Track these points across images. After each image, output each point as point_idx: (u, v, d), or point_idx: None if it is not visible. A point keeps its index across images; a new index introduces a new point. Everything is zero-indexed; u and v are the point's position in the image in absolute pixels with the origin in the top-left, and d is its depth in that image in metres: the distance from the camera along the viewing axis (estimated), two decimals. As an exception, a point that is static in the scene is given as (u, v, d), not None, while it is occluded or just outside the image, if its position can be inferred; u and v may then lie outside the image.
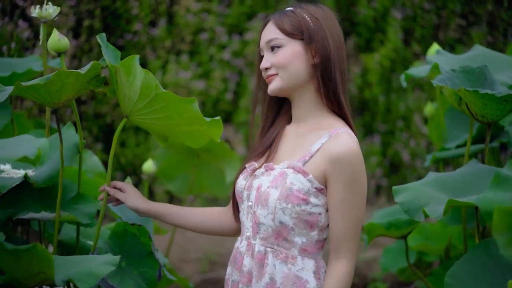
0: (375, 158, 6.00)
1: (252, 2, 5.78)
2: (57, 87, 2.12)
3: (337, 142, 1.97)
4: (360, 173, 1.97)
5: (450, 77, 2.49)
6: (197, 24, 5.64)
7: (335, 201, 1.97)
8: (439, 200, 2.17)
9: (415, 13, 6.10)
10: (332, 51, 2.02)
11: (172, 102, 2.11)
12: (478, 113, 2.39)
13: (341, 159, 1.94)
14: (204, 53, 5.66)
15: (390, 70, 6.05)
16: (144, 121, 2.21)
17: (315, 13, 2.05)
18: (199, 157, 3.34)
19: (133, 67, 2.12)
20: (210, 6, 5.68)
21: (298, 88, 2.06)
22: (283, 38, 2.02)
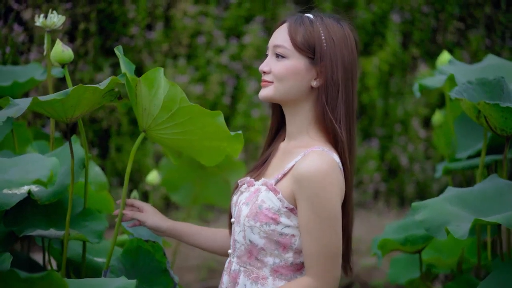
0: (373, 163, 5.95)
1: (249, 5, 5.72)
2: (73, 102, 2.06)
3: (305, 161, 1.88)
4: (324, 194, 1.85)
5: (467, 89, 2.44)
6: (194, 28, 5.57)
7: (301, 222, 1.88)
8: (461, 218, 2.11)
9: (413, 17, 6.05)
10: (340, 79, 1.93)
11: (196, 116, 2.05)
12: (498, 127, 2.33)
13: (304, 178, 1.85)
14: (201, 57, 5.59)
15: (388, 74, 6.00)
16: (163, 136, 2.14)
17: (334, 32, 1.95)
18: (204, 168, 3.28)
19: (156, 80, 2.06)
20: (207, 9, 5.60)
21: (291, 104, 1.99)
22: (290, 49, 1.94)
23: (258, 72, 5.76)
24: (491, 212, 2.15)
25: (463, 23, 6.15)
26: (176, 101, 2.04)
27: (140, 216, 2.19)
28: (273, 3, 5.76)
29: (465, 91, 2.42)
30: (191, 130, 2.13)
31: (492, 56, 2.96)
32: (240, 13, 5.69)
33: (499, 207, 2.18)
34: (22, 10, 4.64)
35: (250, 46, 5.63)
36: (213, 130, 2.11)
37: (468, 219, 2.10)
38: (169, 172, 3.33)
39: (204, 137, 2.16)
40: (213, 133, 2.13)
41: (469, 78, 2.67)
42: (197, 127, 2.12)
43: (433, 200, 2.22)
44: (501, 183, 2.28)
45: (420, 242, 2.56)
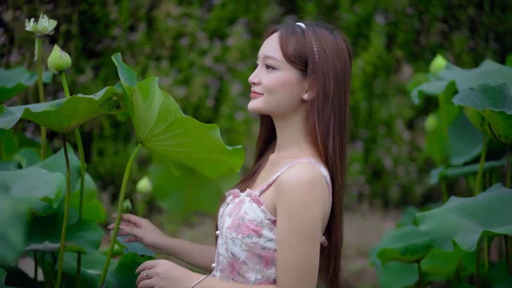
0: (357, 165, 5.91)
1: (233, 7, 5.65)
2: (68, 112, 1.99)
3: (289, 171, 1.82)
4: (302, 204, 1.77)
5: (469, 96, 2.40)
6: (177, 29, 5.49)
7: (277, 231, 1.81)
8: (467, 229, 2.08)
9: (397, 18, 6.03)
10: (332, 92, 1.87)
11: (191, 128, 1.98)
12: (502, 134, 2.30)
13: (284, 187, 1.79)
14: (184, 59, 5.51)
15: (372, 76, 5.97)
16: (161, 147, 2.09)
17: (326, 43, 1.88)
18: (195, 174, 3.20)
19: (151, 89, 2.00)
20: (190, 10, 5.52)
21: (281, 116, 1.93)
22: (281, 61, 1.89)
23: (242, 74, 5.69)
24: (497, 223, 2.12)
25: (447, 25, 6.14)
26: (171, 112, 1.99)
27: (137, 232, 2.13)
28: (257, 4, 5.70)
29: (468, 98, 2.38)
30: (187, 142, 2.07)
31: (489, 61, 2.93)
32: (223, 14, 5.62)
33: (505, 218, 2.15)
34: (3, 12, 4.54)
35: (234, 48, 5.57)
36: (210, 143, 2.05)
37: (475, 230, 2.07)
38: (159, 179, 3.25)
39: (201, 149, 2.11)
40: (210, 146, 2.08)
41: (469, 84, 2.64)
42: (193, 139, 2.06)
43: (438, 211, 2.18)
44: (506, 193, 2.24)
45: (420, 252, 2.52)
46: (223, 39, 5.66)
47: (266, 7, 5.71)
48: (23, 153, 2.77)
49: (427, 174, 5.98)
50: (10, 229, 0.88)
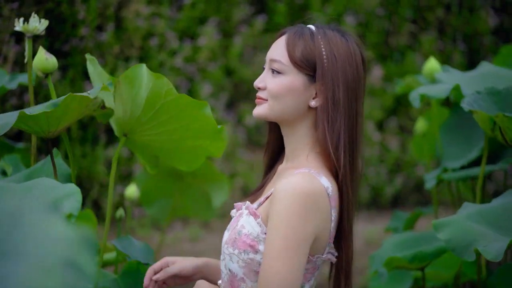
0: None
1: (203, 7, 5.54)
2: (60, 113, 1.89)
3: (282, 181, 1.69)
4: (287, 215, 1.63)
5: (476, 100, 2.35)
6: (147, 29, 5.36)
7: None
8: (488, 237, 2.02)
9: (367, 19, 6.00)
10: (342, 100, 1.75)
11: (182, 110, 1.97)
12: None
13: (274, 197, 1.66)
14: (154, 59, 5.38)
15: (343, 77, 5.93)
16: (146, 138, 2.06)
17: (337, 47, 1.76)
18: (183, 180, 3.10)
19: (138, 77, 1.98)
20: (160, 10, 5.40)
21: (287, 123, 1.81)
22: (287, 65, 1.76)
23: (213, 75, 5.59)
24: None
25: (416, 26, 6.14)
26: (161, 95, 1.96)
27: (174, 269, 1.95)
28: (227, 4, 5.61)
29: (475, 102, 2.33)
30: (175, 128, 2.04)
31: (485, 63, 2.90)
32: (194, 14, 5.52)
33: (524, 225, 2.10)
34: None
35: (205, 48, 5.47)
36: (198, 125, 2.04)
37: (497, 238, 2.01)
38: (145, 185, 3.14)
39: (188, 135, 2.08)
40: (198, 130, 2.06)
41: (471, 88, 2.60)
42: (181, 124, 2.04)
43: (455, 218, 2.12)
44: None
45: (428, 259, 2.46)
46: (194, 39, 5.55)
47: (237, 7, 5.62)
48: (8, 160, 2.64)
49: (396, 175, 5.97)
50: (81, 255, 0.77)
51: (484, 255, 1.94)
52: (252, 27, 5.69)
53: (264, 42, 5.73)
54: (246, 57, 5.73)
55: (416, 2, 6.10)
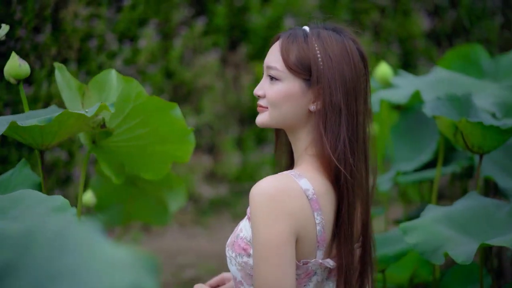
0: (267, 168, 5.90)
1: (143, 8, 5.48)
2: (53, 129, 1.84)
3: (256, 183, 1.69)
4: (259, 218, 1.63)
5: (438, 105, 2.41)
6: (85, 30, 5.26)
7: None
8: (457, 240, 2.07)
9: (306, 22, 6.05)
10: (341, 102, 1.72)
11: (151, 113, 1.98)
12: (476, 144, 2.31)
13: (249, 200, 1.67)
14: (93, 61, 5.29)
15: (282, 79, 5.97)
16: (114, 144, 2.06)
17: (331, 47, 1.73)
18: (137, 185, 3.06)
19: (108, 82, 1.98)
20: (99, 11, 5.31)
21: (291, 129, 1.80)
22: (283, 71, 1.74)
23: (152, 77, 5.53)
24: (485, 233, 2.13)
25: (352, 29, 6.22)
26: (131, 99, 1.97)
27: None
28: (167, 6, 5.56)
29: (437, 108, 2.39)
30: (144, 133, 2.04)
31: (439, 68, 2.97)
32: (133, 15, 5.45)
33: (490, 228, 2.16)
34: None
35: (144, 50, 5.41)
36: (167, 129, 2.04)
37: (466, 241, 2.06)
38: (99, 191, 3.08)
39: (156, 140, 2.08)
40: (166, 133, 2.06)
41: (428, 92, 2.66)
42: (151, 128, 2.04)
43: (421, 221, 2.16)
44: (487, 202, 2.26)
45: (391, 262, 2.50)
46: (133, 41, 5.48)
47: (176, 8, 5.58)
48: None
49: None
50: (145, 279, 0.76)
51: (454, 258, 1.98)
52: (192, 29, 5.66)
53: (204, 44, 5.71)
54: (186, 59, 5.69)
55: (352, 5, 6.18)
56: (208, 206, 5.74)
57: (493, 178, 2.83)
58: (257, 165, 5.91)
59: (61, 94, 2.12)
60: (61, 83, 2.07)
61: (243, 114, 5.95)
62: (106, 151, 2.13)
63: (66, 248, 0.82)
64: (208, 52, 5.71)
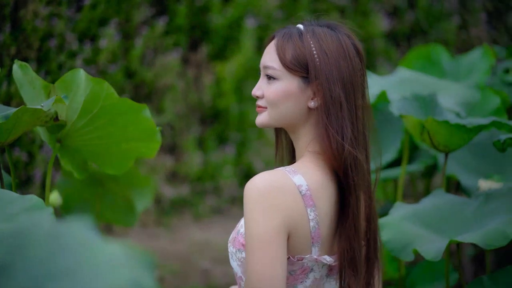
0: (229, 168, 5.90)
1: (104, 8, 5.44)
2: (10, 125, 1.83)
3: (250, 179, 1.70)
4: (250, 212, 1.65)
5: (404, 105, 2.45)
6: (45, 30, 5.20)
7: None
8: (426, 238, 2.11)
9: (267, 22, 6.07)
10: (340, 95, 1.71)
11: (120, 113, 2.00)
12: (441, 143, 2.36)
13: (244, 191, 1.70)
14: (53, 61, 5.23)
15: (243, 79, 5.98)
16: (80, 143, 2.08)
17: (327, 43, 1.73)
18: (104, 186, 3.04)
19: (75, 82, 1.98)
20: (59, 10, 5.26)
21: (291, 128, 1.80)
22: (280, 70, 1.75)
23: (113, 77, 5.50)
24: (452, 230, 2.17)
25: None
26: (100, 99, 1.97)
27: None
28: (128, 5, 5.53)
29: (403, 107, 2.43)
30: (111, 132, 2.06)
31: (402, 68, 3.01)
32: (94, 15, 5.40)
33: (458, 225, 2.20)
34: None
35: (105, 50, 5.37)
36: (135, 128, 2.07)
37: (435, 239, 2.10)
38: (65, 192, 3.06)
39: (123, 138, 2.11)
40: (134, 132, 2.08)
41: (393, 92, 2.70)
42: (118, 127, 2.06)
43: (390, 219, 2.19)
44: (454, 200, 2.30)
45: (359, 259, 2.53)
46: (94, 41, 5.44)
47: (137, 8, 5.55)
48: None
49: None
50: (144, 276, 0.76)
51: (424, 255, 2.02)
52: (153, 29, 5.64)
53: (165, 43, 5.69)
54: (147, 58, 5.67)
55: (312, 6, 6.22)
56: (170, 206, 5.72)
57: (456, 176, 2.89)
58: (218, 165, 5.92)
59: (20, 93, 2.10)
60: (21, 82, 2.05)
61: (204, 114, 5.94)
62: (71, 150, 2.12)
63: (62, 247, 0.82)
64: (169, 52, 5.70)
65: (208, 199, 5.91)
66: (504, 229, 2.05)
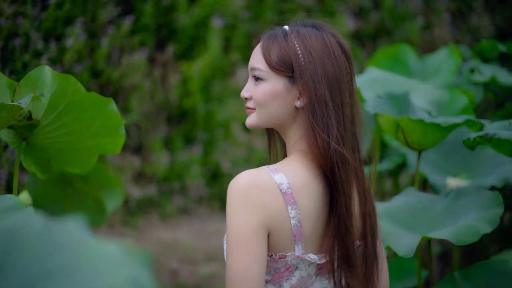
0: (196, 168, 5.90)
1: (69, 6, 5.39)
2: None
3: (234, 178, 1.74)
4: (230, 210, 1.69)
5: (379, 104, 2.48)
6: (10, 29, 5.14)
7: None
8: (397, 234, 2.14)
9: (233, 22, 6.08)
10: (326, 94, 1.73)
11: (87, 109, 2.01)
12: (415, 141, 2.39)
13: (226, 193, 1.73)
14: (18, 60, 5.17)
15: (210, 79, 5.98)
16: (47, 140, 2.07)
17: (311, 43, 1.75)
18: (73, 186, 3.02)
19: (40, 78, 1.98)
20: (24, 9, 5.20)
21: (280, 128, 1.83)
22: (266, 71, 1.77)
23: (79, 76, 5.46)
24: (424, 227, 2.20)
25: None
26: (66, 95, 1.97)
27: None
28: (94, 4, 5.49)
29: (378, 106, 2.45)
30: (77, 128, 2.07)
31: (373, 68, 3.04)
32: (59, 14, 5.35)
33: (429, 222, 2.24)
34: None
35: (71, 49, 5.32)
36: (100, 123, 2.08)
37: (407, 235, 2.13)
38: (34, 192, 3.02)
39: (88, 135, 2.12)
40: (99, 128, 2.10)
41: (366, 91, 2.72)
42: (84, 123, 2.07)
43: (364, 217, 2.22)
44: (424, 198, 2.34)
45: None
46: (60, 40, 5.39)
47: (103, 7, 5.52)
48: None
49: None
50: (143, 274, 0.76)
51: (397, 251, 2.05)
52: (119, 28, 5.61)
53: (131, 43, 5.67)
54: (113, 58, 5.64)
55: (278, 6, 6.25)
56: (136, 206, 5.70)
57: (425, 174, 2.92)
58: (185, 165, 5.91)
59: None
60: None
61: (171, 114, 5.93)
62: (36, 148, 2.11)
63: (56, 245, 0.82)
64: (135, 51, 5.68)
65: (175, 199, 5.90)
66: (475, 226, 2.09)
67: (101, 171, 2.99)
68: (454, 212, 2.27)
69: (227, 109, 6.04)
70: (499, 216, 2.10)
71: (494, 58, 3.84)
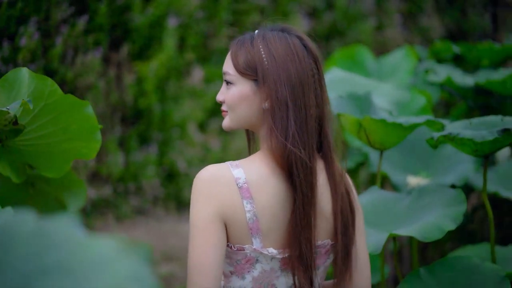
0: (152, 168, 5.88)
1: (22, 5, 5.32)
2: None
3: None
4: (191, 198, 1.79)
5: (341, 104, 2.52)
6: (-39, 28, 5.05)
7: None
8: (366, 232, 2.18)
9: (188, 21, 6.08)
10: (288, 97, 1.79)
11: (64, 111, 2.00)
12: (378, 141, 2.44)
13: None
14: (-30, 60, 5.09)
15: (165, 78, 5.97)
16: (24, 143, 2.06)
17: (276, 47, 1.80)
18: (35, 187, 2.99)
19: (18, 80, 1.96)
20: (-24, 8, 5.11)
21: (253, 129, 1.93)
22: (235, 75, 1.86)
23: (33, 76, 5.38)
24: (389, 225, 2.25)
25: (234, 29, 6.31)
26: (43, 96, 1.96)
27: None
28: (47, 3, 5.43)
29: (340, 106, 2.49)
30: (54, 131, 2.06)
31: (336, 68, 3.08)
32: (12, 13, 5.28)
33: (393, 219, 2.29)
34: None
35: (25, 49, 5.25)
36: (77, 126, 2.07)
37: (373, 233, 2.17)
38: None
39: (65, 138, 2.11)
40: (76, 131, 2.09)
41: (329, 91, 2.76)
42: (61, 126, 2.06)
43: (331, 215, 2.25)
44: (388, 196, 2.39)
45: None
46: (13, 39, 5.31)
47: (57, 6, 5.46)
48: None
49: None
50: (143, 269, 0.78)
51: (366, 249, 2.09)
52: (73, 28, 5.55)
53: (85, 42, 5.62)
54: (68, 58, 5.58)
55: (233, 6, 6.27)
56: (92, 207, 5.65)
57: (386, 173, 2.98)
58: (141, 165, 5.88)
59: None
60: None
61: (126, 114, 5.90)
62: (11, 151, 2.09)
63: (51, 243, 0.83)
64: (90, 51, 5.63)
65: (130, 199, 5.87)
66: (439, 223, 2.15)
67: (66, 173, 2.96)
68: (417, 210, 2.32)
69: (183, 109, 6.04)
70: (463, 213, 2.16)
71: (448, 59, 3.93)
